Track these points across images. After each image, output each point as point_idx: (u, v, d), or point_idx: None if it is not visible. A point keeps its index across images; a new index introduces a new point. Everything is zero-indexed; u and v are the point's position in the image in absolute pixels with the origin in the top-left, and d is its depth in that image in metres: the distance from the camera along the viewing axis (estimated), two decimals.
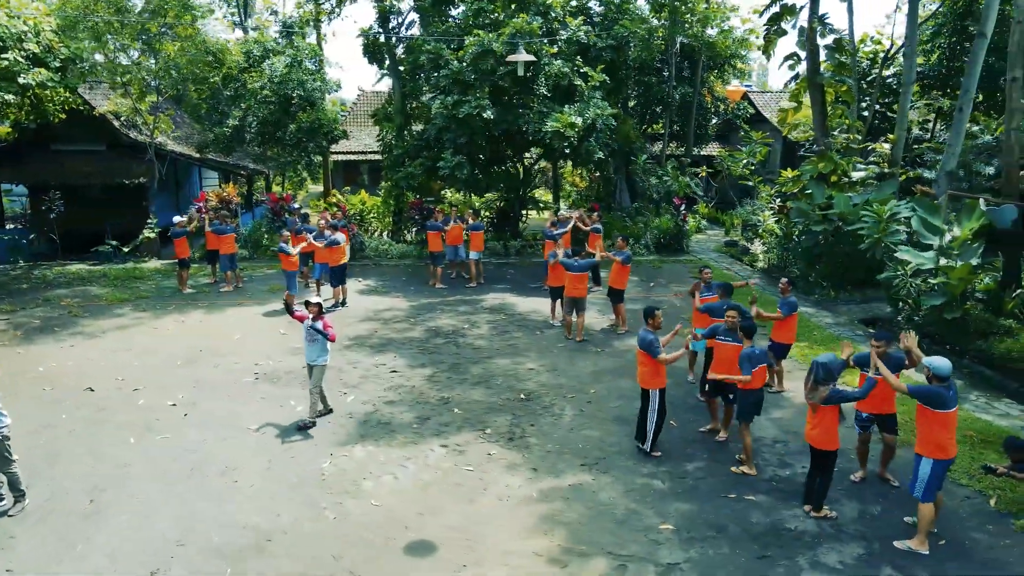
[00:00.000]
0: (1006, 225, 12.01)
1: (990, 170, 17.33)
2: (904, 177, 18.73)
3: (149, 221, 21.70)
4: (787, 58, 18.88)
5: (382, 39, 21.97)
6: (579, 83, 18.66)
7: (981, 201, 12.54)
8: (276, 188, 26.94)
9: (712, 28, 25.68)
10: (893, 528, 7.37)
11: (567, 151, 18.15)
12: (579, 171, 32.63)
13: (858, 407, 8.33)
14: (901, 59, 21.31)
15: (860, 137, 19.30)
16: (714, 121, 29.52)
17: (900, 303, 14.11)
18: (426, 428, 9.77)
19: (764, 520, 7.54)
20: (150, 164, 21.24)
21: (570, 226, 17.21)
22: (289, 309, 10.01)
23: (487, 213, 22.72)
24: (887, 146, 18.97)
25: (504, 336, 13.91)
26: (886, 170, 18.48)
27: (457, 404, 10.59)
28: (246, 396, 10.89)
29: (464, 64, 17.68)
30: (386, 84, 60.54)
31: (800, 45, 18.16)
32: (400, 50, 22.29)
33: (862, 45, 22.30)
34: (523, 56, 16.12)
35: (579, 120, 17.41)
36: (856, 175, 18.49)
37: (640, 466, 8.73)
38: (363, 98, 40.49)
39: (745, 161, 26.30)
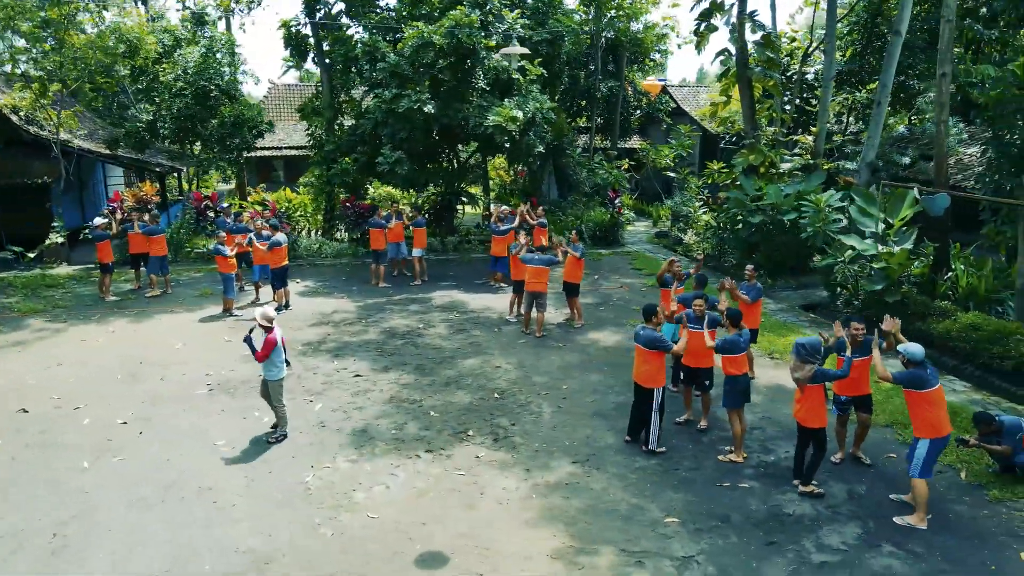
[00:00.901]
0: (939, 213, 12.79)
1: (906, 160, 18.48)
2: (826, 168, 19.65)
3: (55, 224, 20.07)
4: (719, 54, 19.43)
5: (307, 30, 21.14)
6: (517, 77, 18.56)
7: (915, 190, 13.30)
8: (202, 187, 25.52)
9: (637, 23, 26.12)
10: (883, 506, 7.70)
11: (507, 145, 18.01)
12: (504, 166, 32.62)
13: (837, 390, 8.66)
14: (820, 56, 22.41)
15: (785, 130, 20.15)
16: (637, 114, 30.06)
17: (838, 288, 14.82)
18: (406, 434, 9.46)
19: (762, 507, 7.71)
20: (54, 162, 19.65)
21: (517, 222, 17.12)
22: (251, 347, 9.05)
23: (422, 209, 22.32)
24: (810, 139, 19.87)
25: (463, 335, 13.68)
26: (811, 161, 19.35)
27: (431, 407, 10.33)
28: (204, 409, 10.24)
29: (402, 57, 17.23)
30: (292, 76, 58.47)
31: (733, 41, 18.72)
32: (326, 43, 21.48)
33: (780, 42, 23.22)
34: (517, 49, 15.86)
35: (520, 114, 17.32)
36: (784, 166, 19.29)
37: (631, 460, 8.77)
38: (275, 91, 38.98)
39: (670, 154, 27.02)
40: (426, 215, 20.55)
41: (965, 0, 20.73)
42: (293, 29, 21.49)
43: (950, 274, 13.47)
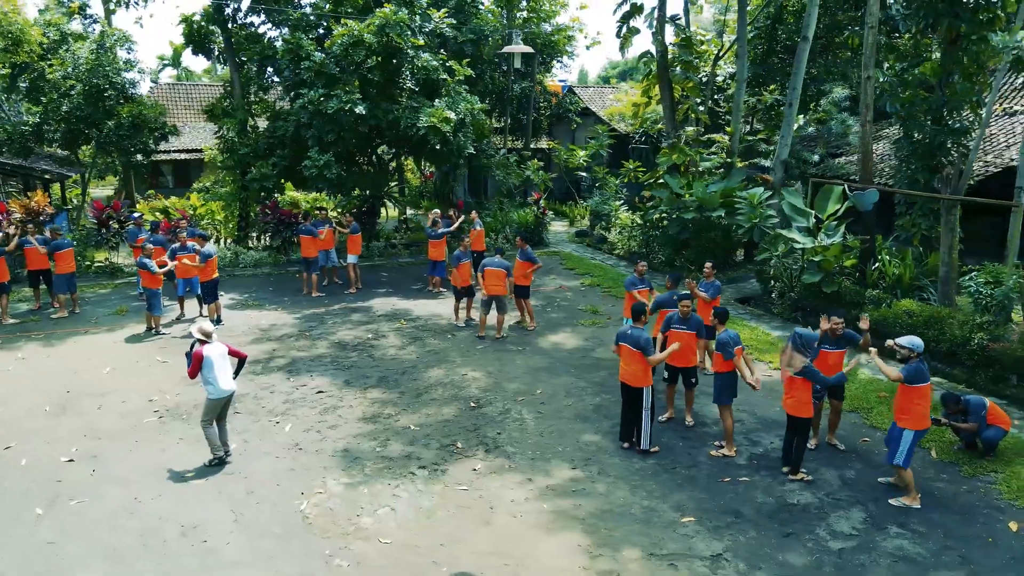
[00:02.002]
0: (869, 207, 13.64)
1: (815, 158, 19.62)
2: (741, 166, 20.54)
3: None
4: (642, 56, 19.89)
5: (213, 27, 19.87)
6: (444, 77, 18.24)
7: (845, 186, 14.12)
8: (98, 193, 23.38)
9: (548, 25, 26.33)
10: (875, 489, 8.08)
11: (438, 147, 17.67)
12: (413, 168, 32.08)
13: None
14: (729, 59, 23.41)
15: (701, 130, 20.92)
16: (546, 115, 30.34)
17: (771, 281, 15.51)
18: (392, 451, 9.06)
19: (769, 499, 7.92)
20: None
21: (455, 225, 16.86)
22: (186, 357, 8.65)
23: (339, 213, 21.52)
24: (726, 138, 20.72)
25: (418, 344, 13.29)
26: (727, 160, 20.18)
27: (410, 421, 9.94)
28: (159, 440, 9.39)
29: (331, 56, 16.50)
30: (168, 74, 54.92)
31: (655, 44, 19.20)
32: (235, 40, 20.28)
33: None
34: (520, 48, 15.37)
35: (453, 115, 17.04)
36: (704, 165, 20.00)
37: (628, 462, 8.78)
38: (158, 91, 36.60)
39: (584, 153, 27.44)
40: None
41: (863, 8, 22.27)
42: (195, 24, 20.15)
43: (877, 264, 14.41)
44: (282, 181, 19.54)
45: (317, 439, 9.40)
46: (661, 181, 20.72)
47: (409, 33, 16.78)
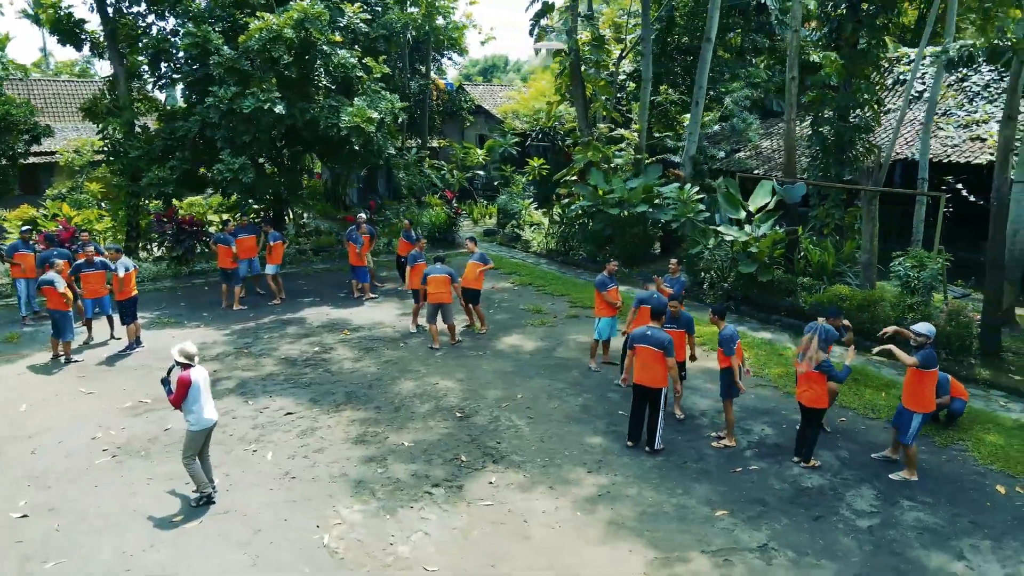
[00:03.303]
0: (797, 200, 14.51)
1: (721, 154, 20.65)
2: (648, 163, 21.23)
3: None
4: (556, 54, 20.02)
5: (81, 13, 17.88)
6: (360, 75, 17.49)
7: (774, 180, 14.93)
8: None
9: (444, 19, 25.91)
10: (872, 466, 8.60)
11: (357, 148, 16.94)
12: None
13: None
14: (629, 59, 24.08)
15: (614, 127, 21.42)
16: (440, 112, 29.95)
17: (702, 273, 16.14)
18: (395, 471, 8.56)
19: (784, 485, 8.22)
20: None
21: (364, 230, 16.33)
22: (168, 389, 7.70)
23: (253, 218, 20.12)
24: (635, 135, 21.34)
25: (373, 354, 12.66)
26: (637, 157, 20.81)
27: (401, 439, 9.44)
28: (124, 481, 8.33)
29: (245, 51, 15.29)
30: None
31: (568, 42, 19.39)
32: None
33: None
34: (554, 44, 14.52)
35: (376, 114, 16.38)
36: (617, 162, 20.52)
37: (638, 461, 8.81)
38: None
39: (482, 152, 27.37)
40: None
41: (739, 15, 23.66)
42: (63, 12, 18.05)
43: (803, 253, 15.37)
44: (179, 187, 17.92)
45: (307, 465, 8.71)
46: (574, 178, 21.10)
47: (328, 29, 15.89)
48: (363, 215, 16.98)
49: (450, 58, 29.98)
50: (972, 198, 15.31)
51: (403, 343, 13.28)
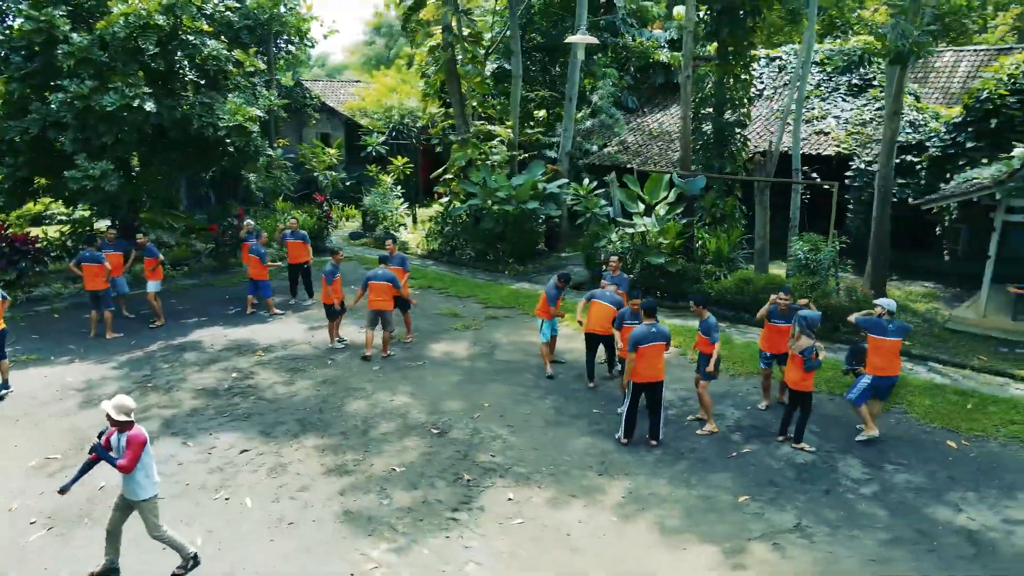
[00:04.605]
0: (697, 192, 15.31)
1: (594, 148, 21.33)
2: (523, 157, 21.37)
3: None
4: (431, 51, 19.47)
5: None
6: (231, 68, 15.86)
7: (674, 175, 15.62)
8: None
9: (283, 7, 24.16)
10: (845, 437, 9.29)
11: (236, 149, 15.40)
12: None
13: (763, 348, 10.07)
14: (492, 57, 23.99)
15: (487, 124, 21.29)
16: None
17: (603, 266, 16.53)
18: (402, 500, 7.90)
19: (781, 464, 8.67)
20: None
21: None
22: (106, 456, 6.30)
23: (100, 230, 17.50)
24: (509, 131, 21.38)
25: (303, 375, 11.57)
26: (512, 154, 20.89)
27: (384, 463, 8.73)
28: (78, 557, 6.91)
29: (112, 39, 13.11)
30: None
31: (445, 38, 18.91)
32: None
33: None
34: (586, 38, 12.91)
35: (259, 112, 14.96)
36: (494, 159, 20.45)
37: (639, 458, 8.87)
38: None
39: (334, 151, 26.04)
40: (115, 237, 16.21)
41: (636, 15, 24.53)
42: None
43: (700, 242, 16.25)
44: (12, 197, 15.20)
45: (299, 507, 7.77)
46: (450, 176, 20.74)
47: (201, 17, 14.16)
48: (251, 221, 15.48)
49: (289, 52, 28.05)
50: (827, 186, 17.09)
51: (330, 360, 12.28)
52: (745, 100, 16.87)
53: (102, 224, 19.49)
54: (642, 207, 15.86)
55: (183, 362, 12.15)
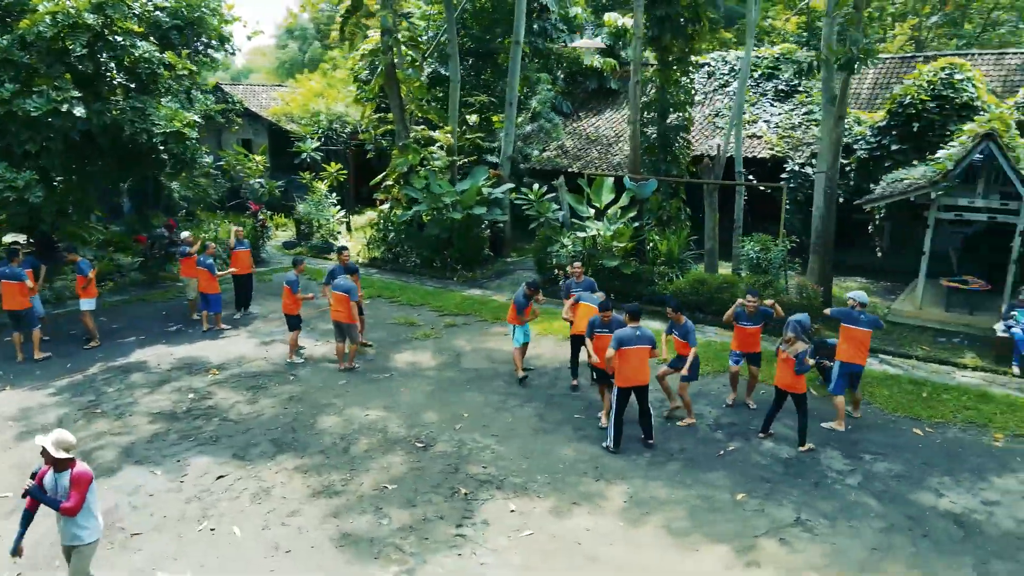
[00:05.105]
0: (648, 195, 15.55)
1: (535, 153, 21.41)
2: (462, 163, 21.19)
3: None
4: (370, 53, 19.00)
5: None
6: (161, 71, 14.97)
7: (626, 179, 15.80)
8: None
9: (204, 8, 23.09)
10: (817, 431, 9.59)
11: (171, 156, 14.57)
12: None
13: (734, 347, 10.31)
14: (429, 62, 23.67)
15: (428, 129, 20.98)
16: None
17: (555, 270, 16.58)
18: (401, 519, 7.62)
19: (767, 459, 8.88)
20: None
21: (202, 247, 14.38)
22: (45, 499, 5.69)
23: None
24: (450, 136, 21.15)
25: (266, 393, 11.02)
26: (452, 159, 20.69)
27: (372, 480, 8.40)
28: None
29: (37, 39, 12.04)
30: None
31: (384, 41, 18.51)
32: None
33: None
34: (594, 43, 12.11)
35: (196, 117, 14.20)
36: (435, 164, 20.18)
37: (632, 462, 8.88)
38: None
39: (261, 159, 25.12)
40: (25, 252, 14.98)
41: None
42: None
43: (651, 244, 16.50)
44: None
45: (292, 533, 7.37)
46: (391, 183, 20.35)
47: (131, 17, 13.26)
48: (186, 233, 14.66)
49: (207, 54, 26.81)
50: (763, 187, 17.74)
51: (291, 376, 11.75)
52: (687, 105, 17.28)
53: (13, 238, 18.11)
54: (593, 211, 15.99)
55: (130, 384, 11.35)
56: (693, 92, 18.03)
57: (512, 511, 7.75)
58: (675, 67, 16.82)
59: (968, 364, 11.93)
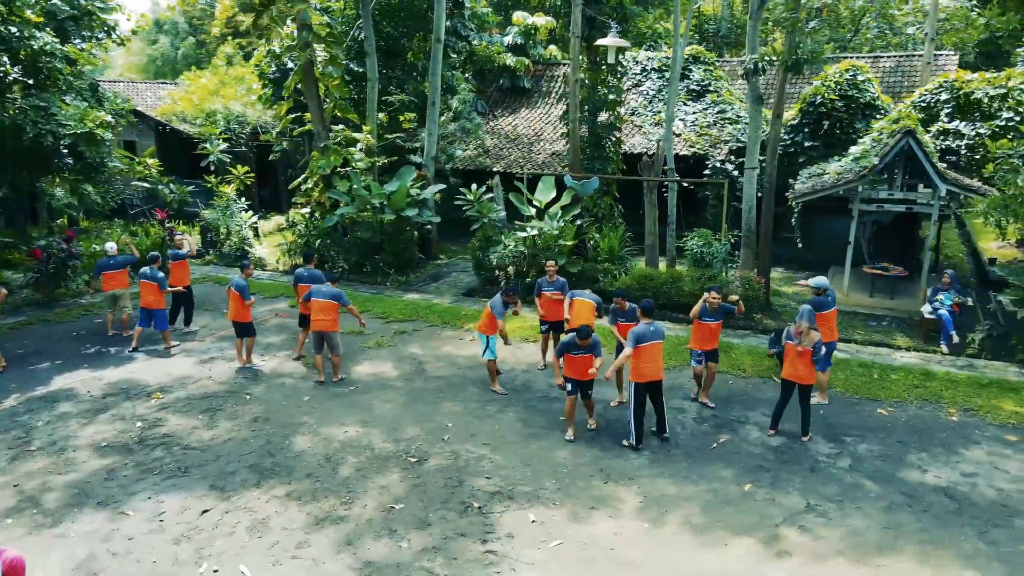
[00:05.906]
0: (590, 193, 15.62)
1: (459, 153, 21.12)
2: (383, 163, 20.54)
3: None
4: (289, 48, 17.99)
5: None
6: (60, 67, 13.50)
7: (567, 178, 15.80)
8: None
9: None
10: (794, 415, 9.95)
11: (79, 160, 13.20)
12: None
13: (692, 346, 10.45)
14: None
15: (347, 129, 20.16)
16: None
17: (496, 271, 16.39)
18: (422, 541, 7.24)
19: (760, 449, 9.14)
20: None
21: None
22: None
23: None
24: (370, 136, 20.43)
25: (225, 415, 10.18)
26: (371, 160, 20.02)
27: (376, 502, 7.94)
28: None
29: None
30: None
31: (300, 38, 17.57)
32: None
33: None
34: (617, 41, 10.79)
35: (109, 117, 12.92)
36: (359, 165, 19.47)
37: (633, 460, 8.89)
38: None
39: (153, 161, 23.35)
40: None
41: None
42: None
43: (592, 242, 16.59)
44: None
45: (308, 567, 6.82)
46: (310, 186, 19.45)
47: (31, 5, 11.82)
48: (112, 244, 13.34)
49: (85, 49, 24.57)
50: (686, 183, 18.32)
51: (247, 394, 10.92)
52: (617, 104, 17.55)
53: None
54: (533, 210, 15.92)
55: (62, 415, 10.16)
56: (624, 91, 18.32)
57: (533, 521, 7.54)
58: (604, 67, 17.03)
59: (902, 345, 12.82)
